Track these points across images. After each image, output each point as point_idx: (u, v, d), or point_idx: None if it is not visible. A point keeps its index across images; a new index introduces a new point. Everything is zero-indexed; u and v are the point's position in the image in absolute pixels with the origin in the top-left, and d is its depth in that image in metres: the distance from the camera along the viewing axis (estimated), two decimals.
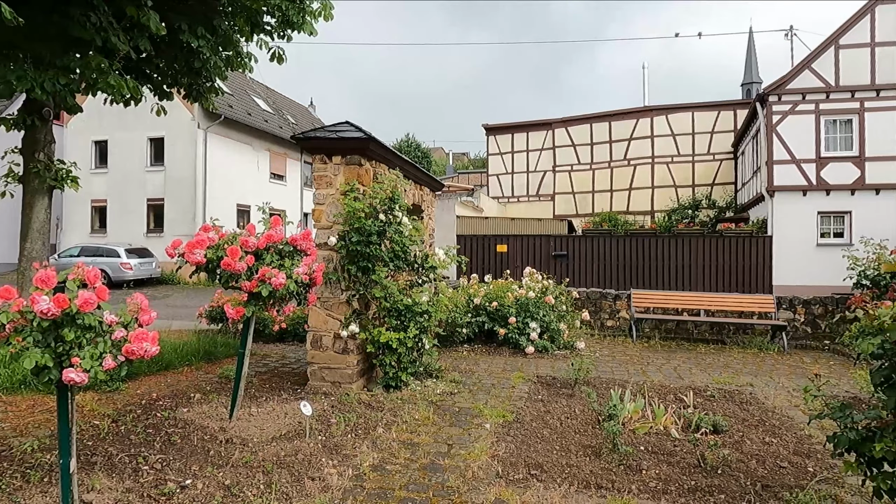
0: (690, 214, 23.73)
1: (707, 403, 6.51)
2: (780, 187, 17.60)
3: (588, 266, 17.99)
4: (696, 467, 4.58)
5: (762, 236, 17.20)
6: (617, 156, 26.25)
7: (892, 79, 16.95)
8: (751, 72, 33.06)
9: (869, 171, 17.10)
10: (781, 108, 17.70)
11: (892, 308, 3.14)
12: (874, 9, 17.11)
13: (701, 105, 25.13)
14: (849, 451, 3.47)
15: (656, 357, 9.36)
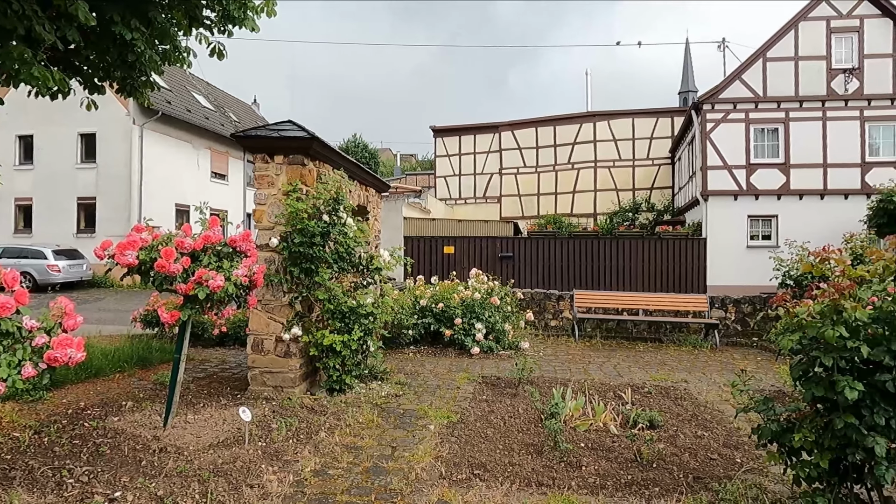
0: (631, 217, 24.53)
1: (645, 400, 6.73)
2: (714, 192, 18.43)
3: (533, 267, 18.31)
4: (633, 462, 4.73)
5: (697, 238, 17.97)
6: (561, 159, 26.84)
7: (814, 91, 18.06)
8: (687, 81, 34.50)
9: (793, 178, 18.15)
10: (715, 116, 18.56)
11: (809, 306, 3.34)
12: (797, 25, 18.19)
13: (641, 112, 26.02)
14: (771, 442, 3.66)
15: (597, 356, 9.62)
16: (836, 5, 18.09)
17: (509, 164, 27.83)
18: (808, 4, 18.16)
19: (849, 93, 17.87)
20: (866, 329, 3.24)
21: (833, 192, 17.94)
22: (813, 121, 18.08)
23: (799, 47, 18.18)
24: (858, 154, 17.93)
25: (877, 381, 3.12)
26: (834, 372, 3.22)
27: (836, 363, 3.20)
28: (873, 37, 17.91)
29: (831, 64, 18.02)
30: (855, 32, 17.97)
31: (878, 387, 3.14)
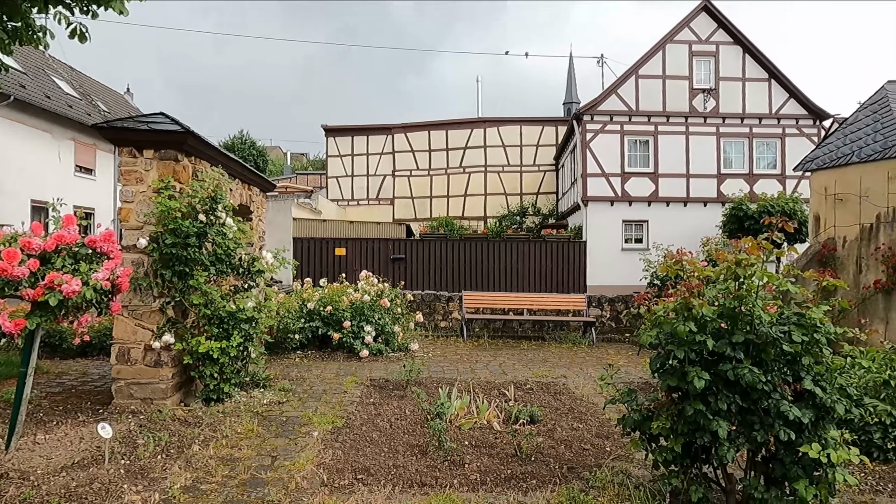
0: (519, 221, 25.50)
1: (527, 396, 7.02)
2: (593, 198, 19.64)
3: (425, 269, 18.47)
4: (514, 456, 4.90)
5: (578, 241, 19.03)
6: (453, 163, 27.33)
7: (678, 107, 19.82)
8: (571, 92, 36.52)
9: (662, 186, 19.79)
10: (594, 126, 19.79)
11: (664, 304, 3.65)
12: (665, 47, 19.88)
13: (528, 120, 27.14)
14: (634, 430, 3.95)
15: (484, 355, 9.89)
16: (696, 31, 19.98)
17: (402, 166, 27.89)
18: (674, 28, 19.90)
19: (707, 111, 19.81)
20: (713, 324, 3.60)
21: (694, 199, 19.79)
22: (678, 134, 19.84)
23: (666, 67, 19.87)
24: (715, 166, 19.92)
25: (720, 370, 3.47)
26: (685, 363, 3.54)
27: (687, 355, 3.52)
28: (727, 61, 20.00)
29: (693, 84, 19.88)
30: (712, 57, 19.96)
31: (722, 376, 3.49)
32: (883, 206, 8.61)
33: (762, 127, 20.05)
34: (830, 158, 9.63)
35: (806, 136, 19.89)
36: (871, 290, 8.64)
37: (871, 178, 8.80)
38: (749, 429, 3.50)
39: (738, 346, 3.49)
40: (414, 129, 27.99)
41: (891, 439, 4.95)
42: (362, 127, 28.84)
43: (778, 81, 20.00)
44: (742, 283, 3.59)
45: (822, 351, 3.50)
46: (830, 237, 9.52)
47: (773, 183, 19.84)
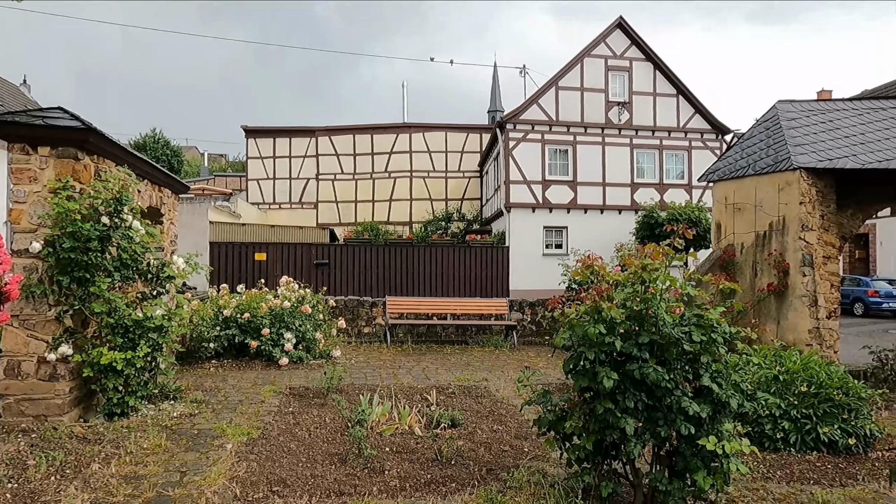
0: (444, 226, 25.70)
1: (449, 400, 7.06)
2: (515, 204, 20.12)
3: (350, 275, 18.19)
4: (434, 461, 4.92)
5: (501, 247, 19.40)
6: (379, 168, 27.18)
7: (595, 119, 20.70)
8: (495, 100, 37.34)
9: (580, 194, 20.58)
10: (516, 135, 20.30)
11: (576, 308, 3.79)
12: (583, 60, 20.72)
13: (453, 126, 27.46)
14: (549, 430, 4.07)
15: (408, 360, 9.88)
16: (612, 46, 20.97)
17: (326, 169, 27.42)
18: (591, 43, 20.79)
19: (621, 123, 20.81)
20: (623, 325, 3.77)
21: (610, 207, 20.71)
22: (595, 145, 20.71)
23: (584, 80, 20.72)
24: (629, 176, 20.95)
25: (628, 370, 3.64)
26: (596, 364, 3.69)
27: (597, 356, 3.67)
28: (640, 77, 21.11)
29: (609, 96, 20.83)
30: (626, 72, 21.01)
31: (630, 375, 3.66)
32: (774, 215, 9.35)
33: (671, 139, 21.29)
34: (730, 170, 10.36)
35: (710, 149, 21.31)
36: (764, 292, 9.35)
37: (765, 189, 9.55)
38: (654, 425, 3.69)
39: (643, 347, 3.68)
40: (339, 133, 27.61)
41: (780, 430, 5.38)
42: (285, 128, 28.13)
43: (685, 97, 21.32)
44: (647, 286, 3.79)
45: (719, 349, 3.75)
46: (730, 243, 10.23)
47: (681, 192, 21.10)
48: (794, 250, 8.96)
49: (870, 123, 9.88)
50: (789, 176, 9.04)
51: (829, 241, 9.30)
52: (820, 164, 8.91)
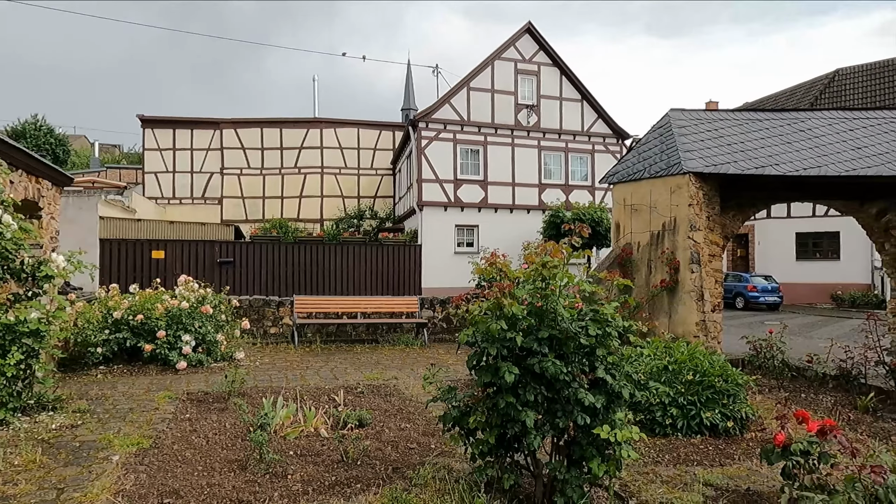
0: (356, 224, 25.39)
1: (357, 400, 6.97)
2: (428, 202, 20.23)
3: (256, 273, 17.53)
4: (340, 462, 4.83)
5: (414, 245, 19.46)
6: (288, 163, 26.39)
7: (505, 120, 21.22)
8: (409, 99, 37.32)
9: (491, 193, 21.02)
10: (429, 133, 20.40)
11: (479, 304, 3.85)
12: (493, 63, 21.18)
13: (365, 123, 27.18)
14: (454, 426, 4.11)
15: (316, 360, 9.65)
16: (521, 50, 21.58)
17: (232, 163, 26.26)
18: (502, 46, 21.29)
19: (530, 125, 21.48)
20: (526, 321, 3.87)
21: (519, 206, 21.33)
22: (505, 146, 21.24)
23: (495, 82, 21.18)
24: (537, 176, 21.67)
25: (529, 364, 3.74)
26: (498, 359, 3.76)
27: (499, 352, 3.74)
28: (547, 81, 21.88)
29: (518, 99, 21.44)
30: (534, 76, 21.71)
31: (530, 369, 3.76)
32: (667, 216, 10.00)
33: (576, 142, 22.25)
34: (628, 174, 10.96)
35: (611, 152, 22.48)
36: (657, 288, 9.98)
37: (659, 192, 10.18)
38: (553, 416, 3.82)
39: (543, 342, 3.79)
40: (245, 126, 26.53)
41: (668, 416, 5.75)
42: (186, 119, 26.63)
43: (589, 103, 22.35)
44: (548, 283, 3.91)
45: (613, 343, 3.94)
46: (628, 242, 10.82)
47: (585, 193, 22.11)
48: (684, 249, 9.62)
49: (749, 133, 10.79)
50: (680, 180, 9.68)
51: (714, 240, 10.06)
52: (706, 169, 9.61)
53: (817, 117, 11.25)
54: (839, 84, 26.00)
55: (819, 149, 10.07)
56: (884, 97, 23.48)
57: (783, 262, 24.82)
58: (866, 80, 25.06)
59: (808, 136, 10.47)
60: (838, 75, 26.36)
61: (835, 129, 10.69)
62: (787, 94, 28.48)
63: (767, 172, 9.54)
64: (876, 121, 10.97)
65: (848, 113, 11.62)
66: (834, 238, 23.77)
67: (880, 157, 9.77)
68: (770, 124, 10.99)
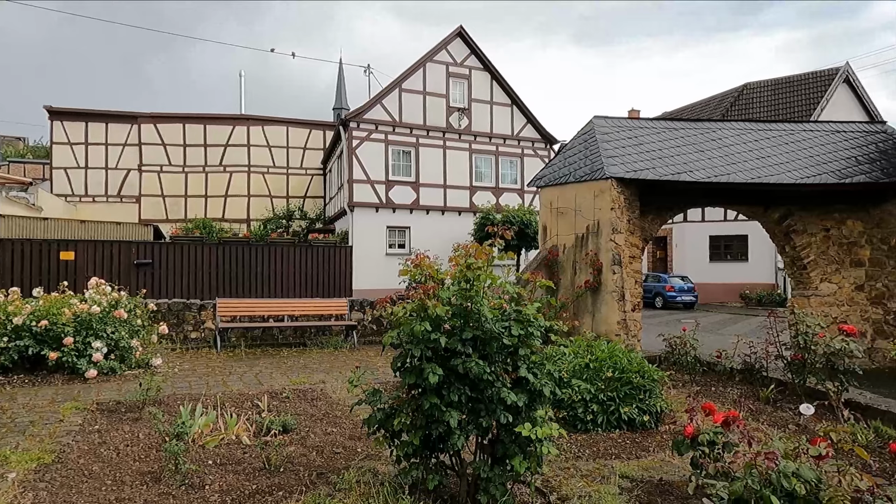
0: (285, 224, 24.77)
1: (282, 405, 6.79)
2: (359, 203, 20.02)
3: (177, 276, 16.72)
4: (262, 470, 4.69)
5: (344, 246, 19.16)
6: (212, 161, 25.39)
7: (437, 123, 21.33)
8: (341, 98, 36.79)
9: (422, 195, 21.07)
10: (360, 134, 20.20)
11: (403, 306, 3.85)
12: (426, 65, 21.24)
13: (295, 121, 26.57)
14: (379, 429, 4.08)
15: (240, 366, 9.33)
16: (453, 54, 21.77)
17: (151, 160, 24.96)
18: (434, 48, 21.40)
19: (461, 128, 21.70)
20: (452, 321, 3.90)
21: (451, 209, 21.49)
22: (437, 148, 21.35)
23: (426, 84, 21.25)
24: (468, 179, 21.92)
25: (453, 365, 3.78)
26: (423, 361, 3.77)
27: (423, 353, 3.76)
28: (478, 85, 22.18)
29: (450, 102, 21.61)
30: (466, 79, 21.95)
31: (454, 370, 3.80)
32: (591, 219, 10.36)
33: (506, 146, 22.68)
34: (554, 177, 11.28)
35: (539, 156, 23.06)
36: (582, 288, 10.32)
37: (583, 196, 10.54)
38: (477, 416, 3.87)
39: (467, 342, 3.84)
40: (166, 120, 25.29)
41: (589, 412, 5.96)
42: (100, 112, 25.10)
43: (518, 108, 22.84)
44: (472, 284, 3.96)
45: (535, 342, 4.04)
46: (555, 244, 11.14)
47: (514, 196, 22.57)
48: (606, 251, 10.01)
49: (666, 141, 11.36)
50: (603, 184, 10.06)
51: (634, 242, 10.52)
52: (627, 174, 10.04)
53: (727, 128, 12.00)
54: (747, 97, 27.88)
55: (728, 157, 10.74)
56: (786, 110, 25.37)
57: (698, 264, 26.31)
58: (771, 94, 27.01)
59: (718, 146, 11.15)
60: (746, 89, 28.26)
61: (742, 139, 11.43)
62: (703, 105, 30.24)
63: (682, 178, 10.08)
64: (778, 132, 11.84)
65: (754, 124, 12.47)
66: (743, 241, 25.44)
67: (782, 165, 10.55)
68: (685, 133, 11.62)
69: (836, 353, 6.65)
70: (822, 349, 6.79)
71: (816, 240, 10.89)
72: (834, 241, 10.90)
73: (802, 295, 11.10)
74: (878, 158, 10.83)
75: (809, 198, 10.85)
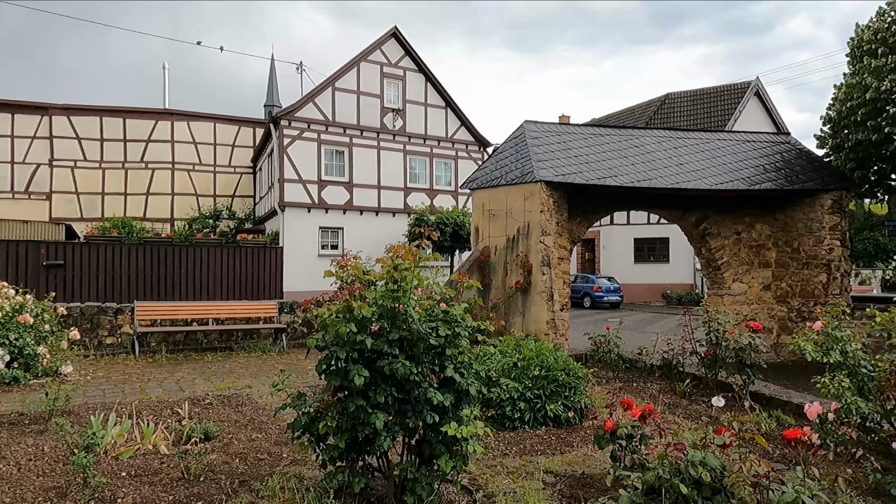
0: (212, 224, 23.86)
1: (204, 412, 6.53)
2: (290, 203, 19.58)
3: (92, 278, 15.79)
4: (181, 480, 4.49)
5: (275, 247, 18.70)
6: (133, 157, 24.09)
7: (371, 123, 21.18)
8: (272, 95, 35.76)
9: (356, 196, 20.85)
10: (292, 132, 19.76)
11: (328, 308, 3.80)
12: (360, 64, 21.05)
13: (223, 117, 25.64)
14: (304, 433, 4.00)
15: (160, 372, 8.91)
16: (387, 54, 21.68)
17: (64, 155, 23.37)
18: (368, 48, 21.23)
19: (396, 129, 21.64)
20: (380, 322, 3.88)
21: (385, 209, 21.38)
22: (371, 148, 21.19)
23: (361, 83, 21.06)
24: (402, 180, 21.88)
25: (379, 366, 3.76)
26: (349, 363, 3.73)
27: (349, 355, 3.72)
28: (413, 86, 22.19)
29: (384, 102, 21.50)
30: (400, 80, 21.91)
31: (381, 371, 3.78)
32: (521, 221, 10.59)
33: (441, 148, 22.81)
34: (486, 180, 11.45)
35: (473, 159, 23.33)
36: (513, 289, 10.53)
37: (514, 198, 10.75)
38: (404, 417, 3.87)
39: (394, 343, 3.83)
40: (81, 113, 23.78)
41: (517, 410, 6.08)
42: (5, 102, 23.27)
43: (453, 110, 23.02)
44: (399, 285, 3.95)
45: (463, 342, 4.08)
46: (487, 245, 11.30)
47: (448, 198, 22.72)
48: (536, 252, 10.25)
49: (593, 147, 11.78)
50: (532, 187, 10.30)
51: (562, 244, 10.84)
52: (556, 178, 10.32)
53: (649, 135, 12.58)
54: (669, 106, 29.34)
55: (650, 163, 11.26)
56: (703, 120, 26.88)
57: (624, 265, 27.43)
58: (690, 105, 28.55)
59: (641, 152, 11.66)
60: (668, 99, 29.74)
61: (663, 146, 12.02)
62: (628, 113, 31.57)
63: (608, 183, 10.48)
64: (695, 141, 12.52)
65: (673, 133, 13.14)
66: (665, 243, 26.73)
67: (699, 172, 11.16)
68: (611, 139, 12.09)
69: (743, 348, 7.11)
70: (732, 345, 7.24)
71: (729, 242, 11.59)
72: (745, 244, 11.64)
73: (717, 294, 11.80)
74: (783, 167, 11.66)
75: (723, 203, 11.55)
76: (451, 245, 19.48)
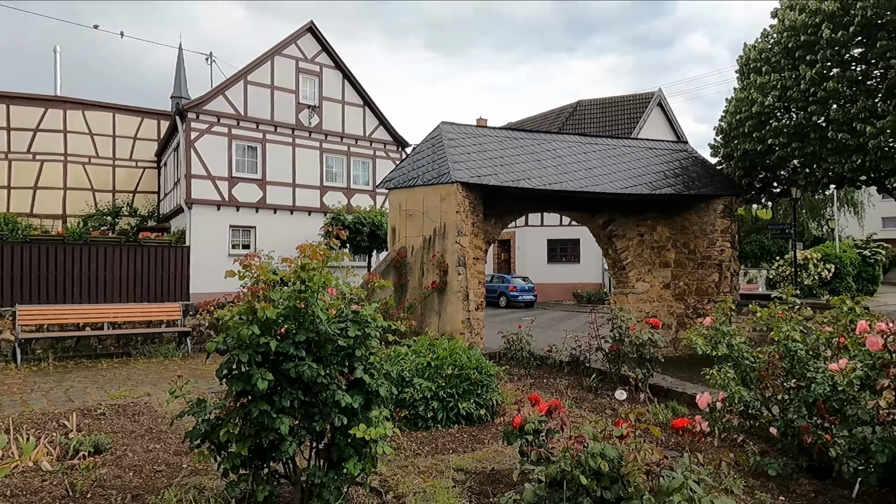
0: (110, 222, 22.27)
1: (96, 423, 6.08)
2: (198, 200, 18.63)
3: None
4: (64, 498, 4.15)
5: (181, 246, 17.67)
6: (18, 147, 22.01)
7: (286, 119, 20.57)
8: (180, 86, 33.86)
9: (269, 194, 20.17)
10: (200, 126, 18.81)
11: (229, 310, 3.63)
12: (274, 58, 20.39)
13: (123, 108, 23.99)
14: (203, 442, 3.80)
15: (46, 381, 8.19)
16: (303, 49, 21.14)
17: None
18: (283, 42, 20.61)
19: (312, 126, 21.13)
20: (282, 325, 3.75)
21: (300, 208, 20.82)
22: (285, 145, 20.56)
23: (275, 78, 20.39)
24: (319, 178, 21.40)
25: (284, 369, 3.63)
26: (252, 366, 3.59)
27: (252, 358, 3.57)
28: (329, 83, 21.77)
29: (299, 98, 20.94)
30: (316, 76, 21.43)
31: (286, 374, 3.66)
32: (438, 221, 10.64)
33: (358, 147, 22.52)
34: (403, 180, 11.42)
35: (392, 159, 23.22)
36: (429, 289, 10.56)
37: (431, 198, 10.79)
38: (311, 420, 3.76)
39: (301, 345, 3.72)
40: None
41: (430, 409, 6.10)
42: None
43: (371, 109, 22.80)
44: (307, 285, 3.84)
45: (373, 343, 4.02)
46: (403, 246, 11.26)
47: (366, 197, 22.48)
48: (452, 252, 10.34)
49: (508, 149, 12.04)
50: (449, 188, 10.38)
51: (478, 244, 11.00)
52: (472, 179, 10.46)
53: (561, 140, 13.04)
54: (581, 113, 30.59)
55: (562, 167, 11.67)
56: (612, 127, 28.24)
57: (538, 265, 28.29)
58: (600, 112, 29.91)
59: (553, 156, 12.06)
60: (580, 105, 31.00)
61: (574, 151, 12.49)
62: (542, 118, 32.60)
63: (521, 185, 10.75)
64: (603, 146, 13.12)
65: (584, 138, 13.69)
66: (576, 244, 27.83)
67: (606, 176, 11.70)
68: (525, 143, 12.41)
69: (643, 343, 7.51)
70: (633, 340, 7.63)
71: (633, 244, 12.23)
72: (647, 245, 12.33)
73: (622, 293, 12.41)
74: (681, 174, 12.46)
75: (628, 206, 12.17)
76: (368, 245, 19.28)
